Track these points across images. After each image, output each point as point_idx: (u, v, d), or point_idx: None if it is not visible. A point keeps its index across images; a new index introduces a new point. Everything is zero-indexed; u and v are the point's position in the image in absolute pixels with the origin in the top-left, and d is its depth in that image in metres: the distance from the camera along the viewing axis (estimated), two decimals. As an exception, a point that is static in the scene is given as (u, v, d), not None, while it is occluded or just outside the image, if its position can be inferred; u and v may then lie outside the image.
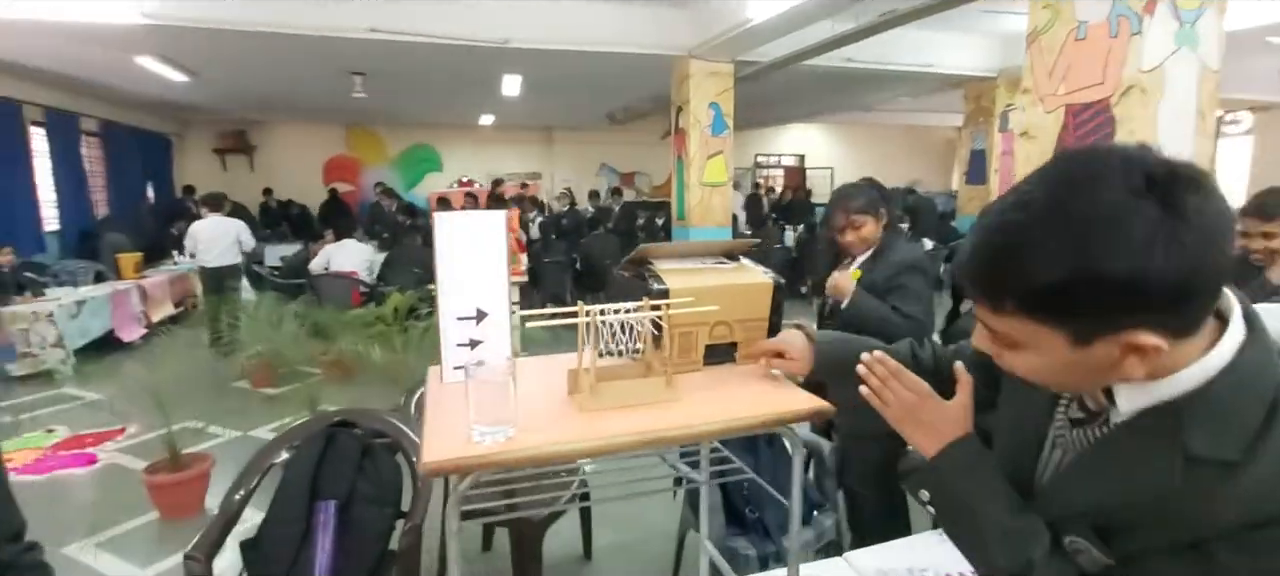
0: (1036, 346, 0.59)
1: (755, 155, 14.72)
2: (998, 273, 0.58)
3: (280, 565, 1.69)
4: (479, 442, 0.74)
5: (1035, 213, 0.55)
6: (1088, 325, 0.56)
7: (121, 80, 7.29)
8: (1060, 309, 0.56)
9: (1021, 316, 0.58)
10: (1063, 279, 0.53)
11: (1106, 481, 0.63)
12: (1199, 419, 0.57)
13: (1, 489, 0.74)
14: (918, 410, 0.78)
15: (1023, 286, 0.56)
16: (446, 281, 0.95)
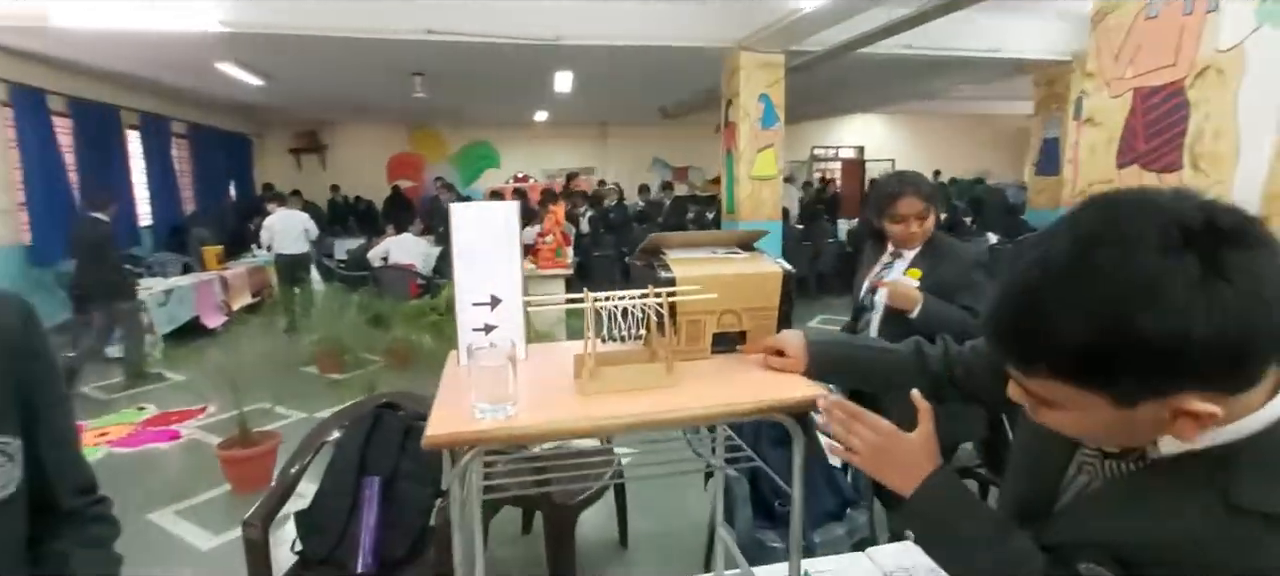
0: (1076, 407, 0.56)
1: (811, 147, 14.39)
2: (1024, 336, 0.55)
3: (330, 535, 1.80)
4: (480, 420, 0.78)
5: (1060, 272, 0.52)
6: (1129, 390, 0.52)
7: (205, 85, 7.84)
8: (1096, 375, 0.52)
9: (1054, 380, 0.55)
10: (1094, 344, 0.50)
11: (1136, 517, 0.60)
12: (1248, 469, 0.54)
13: (70, 444, 0.80)
14: (886, 451, 0.77)
15: (1052, 352, 0.53)
16: (462, 268, 1.00)
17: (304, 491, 1.95)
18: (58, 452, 0.75)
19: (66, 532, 0.77)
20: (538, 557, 2.27)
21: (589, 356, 0.90)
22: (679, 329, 1.01)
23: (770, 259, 1.09)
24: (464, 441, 0.75)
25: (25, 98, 6.06)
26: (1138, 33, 2.55)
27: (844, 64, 6.60)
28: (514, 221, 1.02)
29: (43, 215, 6.21)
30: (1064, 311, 0.51)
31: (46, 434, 0.73)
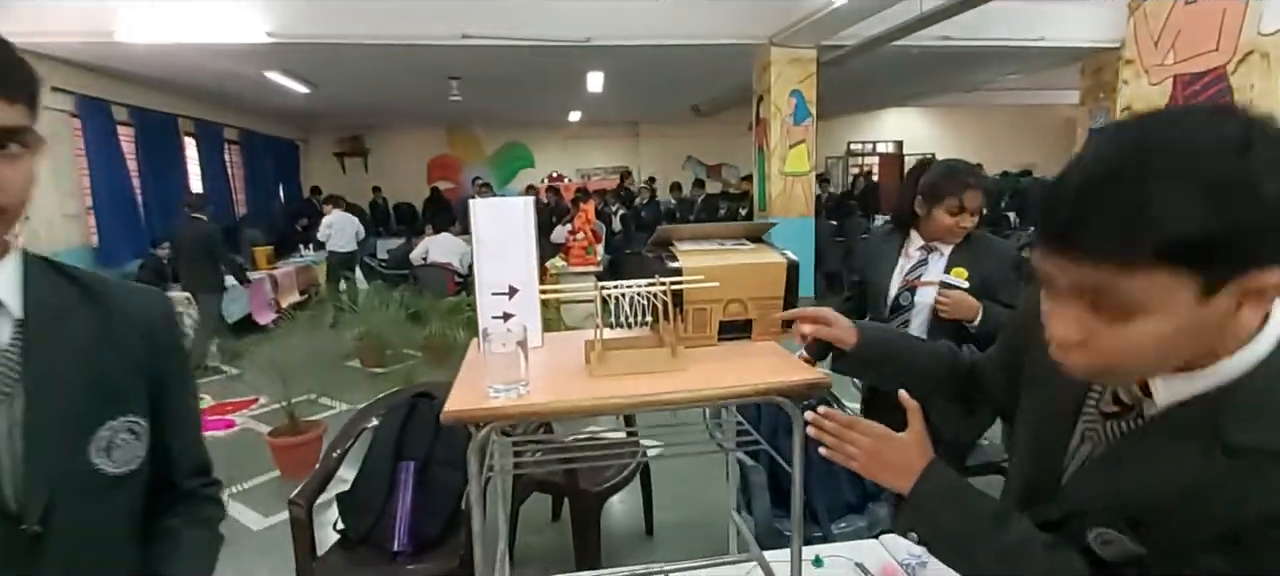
0: (1159, 308, 0.52)
1: (847, 143, 14.16)
2: (1129, 217, 0.50)
3: (369, 515, 1.91)
4: (494, 399, 0.85)
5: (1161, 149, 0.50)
6: (1226, 268, 0.50)
7: (255, 93, 8.21)
8: (1206, 251, 0.49)
9: (1157, 270, 0.50)
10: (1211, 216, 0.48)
11: (1139, 474, 0.61)
12: (1239, 409, 0.56)
13: (192, 429, 0.86)
14: (881, 454, 0.78)
15: (1160, 228, 0.49)
16: (482, 260, 1.07)
17: (345, 476, 2.07)
18: (180, 436, 0.82)
19: (180, 510, 0.83)
20: (566, 544, 2.35)
21: (598, 341, 0.96)
22: (686, 316, 1.06)
23: (776, 250, 1.13)
24: (478, 417, 0.82)
25: (92, 108, 6.47)
26: (1177, 18, 2.48)
27: (879, 58, 6.51)
28: (531, 216, 1.09)
29: (109, 219, 6.62)
30: (1176, 185, 0.48)
31: (171, 418, 0.79)
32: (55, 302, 0.70)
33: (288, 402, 3.26)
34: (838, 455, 0.81)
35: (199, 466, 0.86)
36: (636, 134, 13.47)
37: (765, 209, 6.76)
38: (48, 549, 0.66)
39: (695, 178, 10.73)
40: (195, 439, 0.86)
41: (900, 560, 1.31)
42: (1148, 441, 0.62)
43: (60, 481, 0.67)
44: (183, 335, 0.84)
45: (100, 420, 0.70)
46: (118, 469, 0.72)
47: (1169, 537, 0.59)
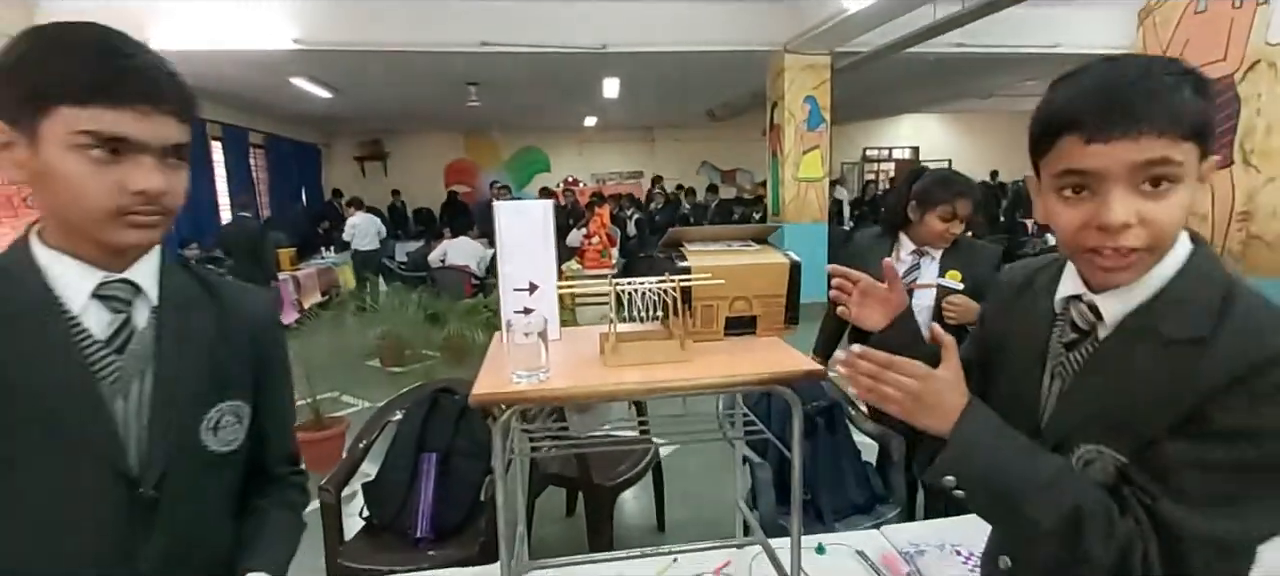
0: (1187, 177, 0.65)
1: (863, 148, 14.15)
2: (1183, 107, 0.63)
3: (392, 504, 2.00)
4: (517, 384, 0.93)
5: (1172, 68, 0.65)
6: (1208, 143, 0.66)
7: (280, 98, 8.43)
8: (1206, 131, 0.65)
9: (1189, 141, 0.64)
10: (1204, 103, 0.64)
11: (1104, 385, 0.71)
12: (1169, 310, 0.68)
13: (285, 421, 0.94)
14: (923, 395, 0.75)
15: (1195, 114, 0.64)
16: (505, 259, 1.16)
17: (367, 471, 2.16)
18: (275, 425, 0.89)
19: (270, 493, 0.90)
20: (580, 536, 2.42)
21: (611, 334, 1.03)
22: (694, 312, 1.13)
23: (779, 251, 1.20)
24: (502, 399, 0.90)
25: (126, 114, 6.68)
26: (1186, 26, 2.51)
27: (894, 64, 6.54)
28: (550, 218, 1.17)
29: (140, 220, 6.83)
30: (1189, 86, 0.64)
31: (269, 408, 0.87)
32: (183, 295, 0.78)
33: (312, 399, 3.38)
34: (874, 396, 0.78)
35: (289, 455, 0.94)
36: (652, 139, 13.57)
37: (779, 213, 6.81)
38: (160, 513, 0.73)
39: (708, 182, 10.79)
40: (287, 429, 0.94)
41: (900, 549, 1.37)
42: (1107, 354, 0.72)
43: (175, 453, 0.74)
44: (282, 332, 0.92)
45: (211, 402, 0.78)
46: (222, 448, 0.80)
47: (1140, 435, 0.68)
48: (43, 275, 0.70)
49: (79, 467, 0.70)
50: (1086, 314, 0.74)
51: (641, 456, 2.46)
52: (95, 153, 0.65)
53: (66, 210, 0.68)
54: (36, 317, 0.69)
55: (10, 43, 0.67)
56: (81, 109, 0.64)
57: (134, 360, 0.73)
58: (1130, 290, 0.70)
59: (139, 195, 0.67)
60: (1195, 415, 0.64)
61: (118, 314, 0.73)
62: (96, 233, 0.68)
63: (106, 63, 0.65)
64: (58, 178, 0.65)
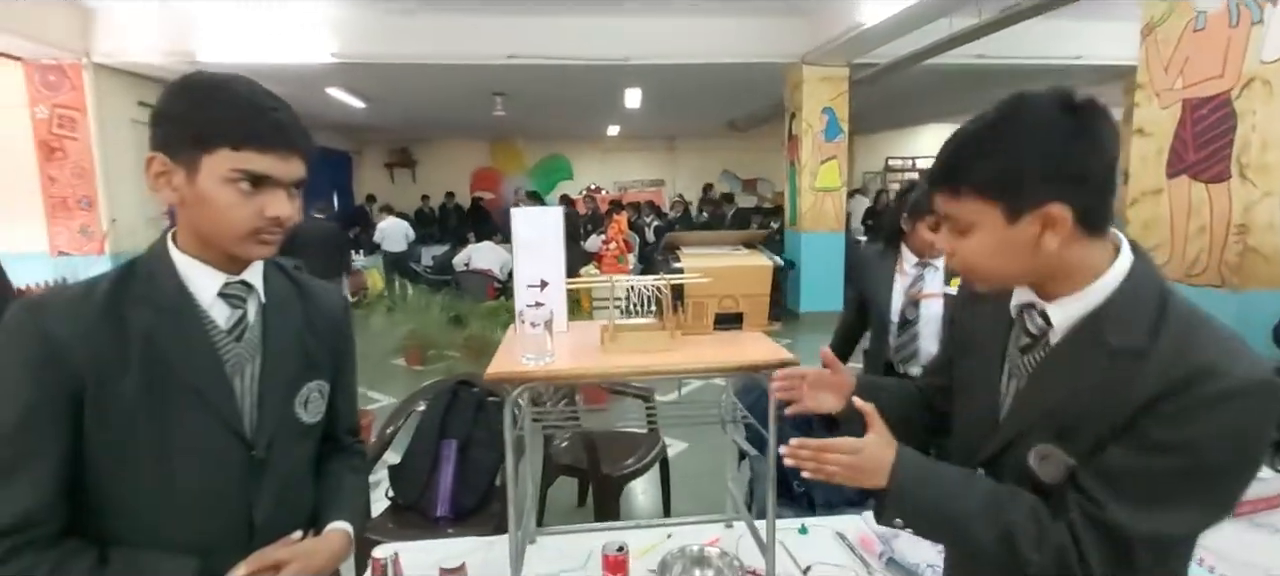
0: (981, 226, 0.74)
1: (886, 158, 14.12)
2: (957, 164, 0.74)
3: (415, 487, 2.16)
4: (526, 365, 1.08)
5: (991, 123, 0.73)
6: (1016, 200, 0.71)
7: (316, 108, 8.78)
8: (997, 188, 0.72)
9: (973, 198, 0.73)
10: (1000, 166, 0.71)
11: (1055, 387, 0.77)
12: (1113, 320, 0.73)
13: (353, 397, 1.11)
14: (856, 464, 0.84)
15: (973, 172, 0.73)
16: (520, 258, 1.31)
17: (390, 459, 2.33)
18: (344, 401, 1.05)
19: (339, 458, 1.05)
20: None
21: (611, 325, 1.18)
22: (686, 308, 1.27)
23: (766, 255, 1.34)
24: (513, 378, 1.05)
25: (173, 122, 7.06)
26: (1186, 45, 2.58)
27: (914, 75, 6.60)
28: (561, 223, 1.32)
29: (183, 222, 7.20)
30: (989, 145, 0.72)
31: (342, 386, 1.03)
32: (281, 293, 0.94)
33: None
34: (821, 475, 0.87)
35: (353, 426, 1.11)
36: (673, 148, 13.73)
37: (796, 223, 6.89)
38: (268, 471, 0.89)
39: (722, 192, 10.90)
40: (354, 405, 1.11)
41: (877, 532, 1.48)
42: (1058, 359, 0.78)
43: (278, 423, 0.90)
44: (352, 322, 1.08)
45: (303, 381, 0.94)
46: (310, 419, 0.95)
47: (1086, 439, 0.73)
48: (179, 276, 0.85)
49: (213, 431, 0.85)
50: (1038, 321, 0.80)
51: (649, 450, 2.58)
52: (243, 185, 0.80)
53: (213, 228, 0.82)
54: (178, 310, 0.84)
55: (174, 91, 0.81)
56: (236, 151, 0.79)
57: (248, 347, 0.88)
58: (1078, 299, 0.75)
59: (273, 220, 0.83)
60: (1133, 424, 0.69)
61: (236, 309, 0.88)
62: (234, 248, 0.83)
63: (258, 115, 0.80)
64: (211, 203, 0.80)
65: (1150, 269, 0.75)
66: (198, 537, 0.85)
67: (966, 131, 0.74)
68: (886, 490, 0.83)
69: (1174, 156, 2.61)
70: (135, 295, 0.83)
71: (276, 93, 0.84)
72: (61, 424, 0.78)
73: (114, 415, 0.79)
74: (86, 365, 0.78)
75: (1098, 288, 0.74)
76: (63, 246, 6.19)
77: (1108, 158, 0.72)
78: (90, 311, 0.80)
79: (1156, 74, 2.69)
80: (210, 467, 0.85)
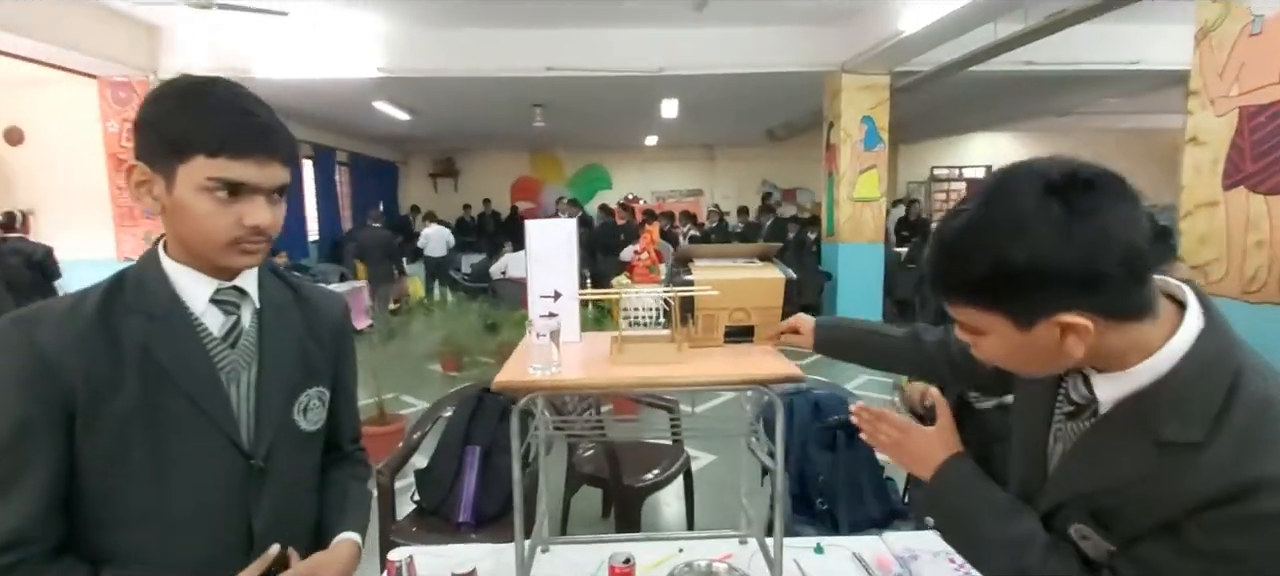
0: (992, 331, 0.67)
1: (932, 168, 13.75)
2: (944, 272, 0.67)
3: (439, 490, 2.21)
4: (533, 375, 1.09)
5: (966, 222, 0.65)
6: (1022, 310, 0.63)
7: (363, 120, 9.11)
8: (994, 297, 0.64)
9: (970, 307, 0.67)
10: (987, 274, 0.63)
11: (1094, 468, 0.69)
12: (1166, 405, 0.63)
13: (354, 403, 1.06)
14: (904, 443, 0.88)
15: (962, 281, 0.66)
16: (534, 269, 1.33)
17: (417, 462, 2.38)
18: (346, 408, 1.03)
19: (342, 466, 1.04)
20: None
21: (620, 337, 1.18)
22: (697, 321, 1.27)
23: (779, 268, 1.32)
24: (520, 387, 1.07)
25: (231, 134, 7.44)
26: (1242, 49, 2.45)
27: (959, 82, 6.42)
28: (573, 234, 1.33)
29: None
30: (969, 250, 0.64)
31: (342, 393, 1.01)
32: (278, 298, 0.92)
33: (378, 398, 3.69)
34: (873, 441, 0.93)
35: (355, 434, 1.09)
36: (712, 157, 13.70)
37: (834, 233, 6.78)
38: (268, 481, 0.87)
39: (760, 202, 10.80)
40: (355, 411, 1.10)
41: (896, 554, 1.44)
42: (1100, 436, 0.70)
43: (277, 431, 0.88)
44: (351, 327, 1.07)
45: (302, 388, 0.92)
46: (310, 427, 0.93)
47: (1123, 529, 0.67)
48: (170, 283, 0.83)
49: (209, 441, 0.83)
50: (1082, 388, 0.72)
51: (672, 462, 2.57)
52: (220, 194, 0.78)
53: (192, 237, 0.81)
54: (170, 317, 0.82)
55: (153, 97, 0.79)
56: (211, 159, 0.76)
57: (243, 354, 0.87)
58: (1126, 377, 0.66)
59: (252, 229, 0.80)
60: (1176, 526, 0.62)
61: (229, 315, 0.86)
62: (215, 257, 0.82)
63: (234, 121, 0.78)
64: (188, 212, 0.78)
65: (1221, 340, 0.64)
66: (197, 550, 0.83)
67: (947, 233, 0.66)
68: (927, 484, 0.84)
69: (1230, 166, 2.47)
70: (127, 305, 0.81)
71: (327, 106, 0.83)
72: (54, 439, 0.76)
73: (108, 427, 0.78)
74: (79, 378, 0.76)
75: (1150, 366, 0.65)
76: (129, 253, 6.57)
77: (1120, 244, 0.60)
78: (81, 324, 0.78)
79: (1211, 80, 2.55)
80: (207, 478, 0.83)
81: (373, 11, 5.57)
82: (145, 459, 0.80)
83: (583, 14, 5.66)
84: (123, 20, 5.50)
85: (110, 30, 5.46)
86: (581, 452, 2.63)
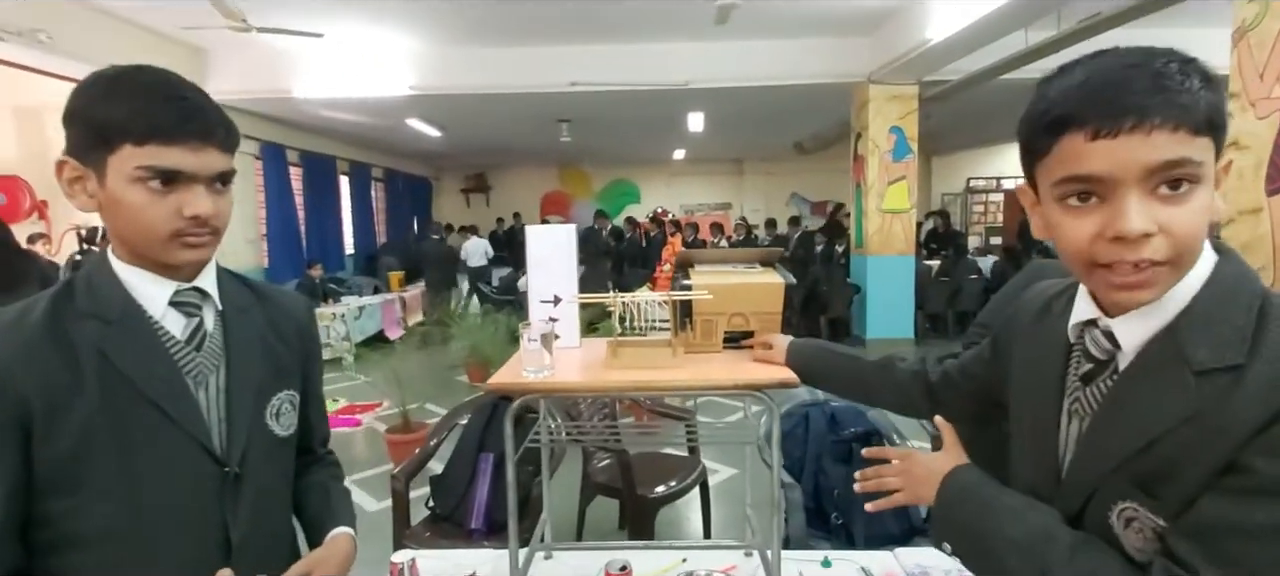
0: (1205, 176, 0.58)
1: (968, 178, 13.45)
2: (1195, 98, 0.56)
3: (453, 497, 2.23)
4: (526, 377, 1.10)
5: (1165, 56, 0.58)
6: (1219, 142, 0.59)
7: (396, 137, 9.37)
8: (1218, 123, 0.58)
9: (1203, 136, 0.57)
10: (1218, 97, 0.58)
11: (1130, 426, 0.61)
12: (1196, 333, 0.58)
13: (323, 406, 1.05)
14: (911, 471, 0.82)
15: (1207, 106, 0.57)
16: (534, 275, 1.34)
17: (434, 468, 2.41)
18: (315, 411, 1.01)
19: (319, 470, 1.02)
20: (626, 547, 2.54)
21: (616, 341, 1.18)
22: (695, 326, 1.26)
23: (779, 273, 1.30)
24: (513, 389, 1.07)
25: (272, 153, 7.73)
26: (1285, 48, 2.33)
27: (992, 91, 6.28)
28: (572, 241, 1.34)
29: (278, 244, 7.83)
30: (1196, 78, 0.57)
31: (311, 396, 0.99)
32: (239, 300, 0.89)
33: (403, 408, 3.76)
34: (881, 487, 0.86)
35: (325, 437, 1.07)
36: (740, 171, 13.66)
37: (863, 245, 6.67)
38: (243, 487, 0.83)
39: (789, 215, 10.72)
40: (324, 414, 1.09)
41: (906, 570, 1.39)
42: (1128, 389, 0.63)
43: (249, 436, 0.84)
44: (317, 328, 1.05)
45: (273, 391, 0.89)
46: (283, 432, 0.90)
47: (1174, 490, 0.58)
48: (123, 286, 0.78)
49: (181, 450, 0.79)
50: (1102, 342, 0.66)
51: (688, 473, 2.55)
52: (153, 184, 0.73)
53: (132, 233, 0.76)
54: (127, 321, 0.77)
55: (78, 89, 0.74)
56: (139, 147, 0.72)
57: (209, 356, 0.83)
58: (1150, 312, 0.61)
59: (192, 220, 0.76)
60: (1234, 464, 0.54)
61: (191, 317, 0.82)
62: (158, 253, 0.77)
63: (161, 105, 0.73)
64: (123, 206, 0.74)
65: (1239, 266, 0.61)
66: (170, 565, 0.79)
67: (1188, 62, 0.57)
68: (935, 504, 0.77)
69: (1274, 170, 2.36)
70: (78, 311, 0.76)
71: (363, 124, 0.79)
72: (8, 456, 0.71)
73: (69, 438, 0.73)
74: (33, 390, 0.72)
75: (1176, 294, 0.60)
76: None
77: None
78: (30, 333, 0.73)
79: (1250, 81, 2.44)
80: (180, 488, 0.79)
81: (404, 32, 5.75)
82: (111, 471, 0.75)
83: (605, 29, 5.74)
84: (173, 44, 5.78)
85: (163, 56, 5.75)
86: (596, 463, 2.62)
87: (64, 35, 4.60)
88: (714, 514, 2.75)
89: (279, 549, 0.93)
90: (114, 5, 4.98)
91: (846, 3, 5.29)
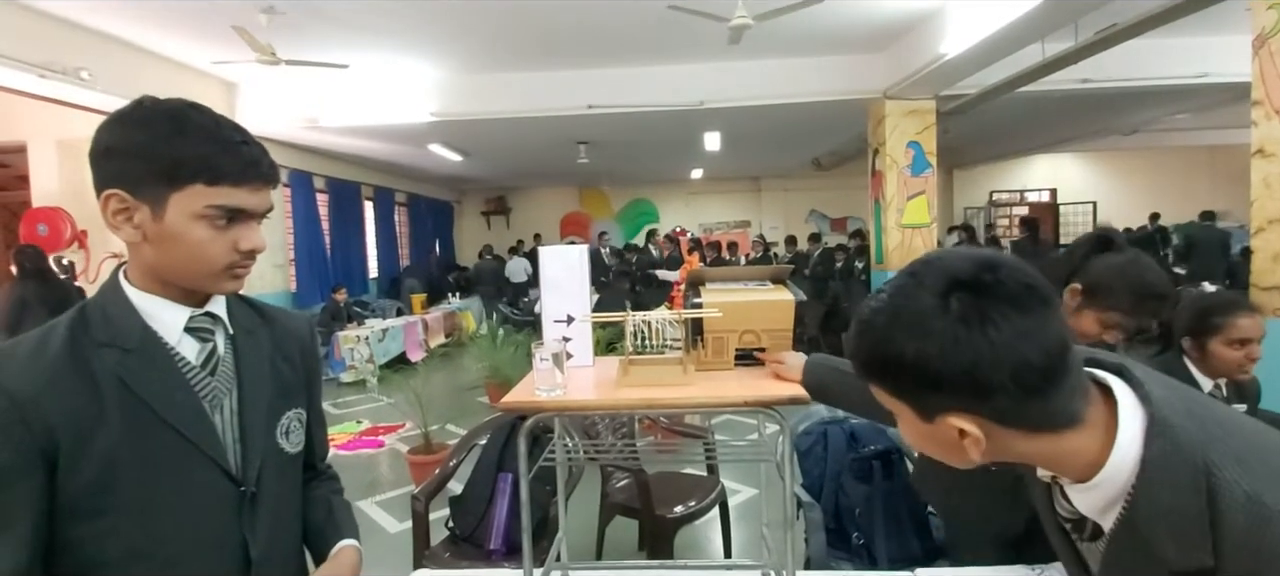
0: (901, 416, 0.65)
1: (990, 192, 13.29)
2: (856, 350, 0.65)
3: (472, 517, 2.25)
4: (539, 396, 1.12)
5: (877, 306, 0.63)
6: (918, 402, 0.62)
7: (419, 162, 9.57)
8: (896, 385, 0.63)
9: (879, 388, 0.65)
10: (885, 362, 0.62)
11: None
12: (1158, 531, 0.58)
13: (323, 426, 1.07)
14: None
15: (868, 363, 0.64)
16: (548, 295, 1.36)
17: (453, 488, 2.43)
18: (317, 429, 1.03)
19: (323, 485, 1.05)
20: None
21: (627, 360, 1.20)
22: (706, 344, 1.27)
23: (790, 290, 1.31)
24: (526, 408, 1.09)
25: (300, 180, 7.95)
26: (1309, 54, 2.29)
27: (1012, 104, 6.24)
28: (585, 261, 1.37)
29: (305, 268, 8.00)
30: (876, 335, 0.62)
31: (314, 413, 1.01)
32: (247, 322, 0.92)
33: (425, 429, 3.80)
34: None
35: (325, 453, 1.09)
36: (758, 189, 13.66)
37: (883, 261, 6.61)
38: (259, 506, 0.86)
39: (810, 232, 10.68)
40: (325, 432, 1.09)
41: (926, 590, 1.37)
42: (1120, 562, 0.64)
43: (263, 456, 0.87)
44: (319, 347, 1.11)
45: (282, 410, 0.91)
46: (292, 449, 0.93)
47: None
48: (139, 313, 0.81)
49: (200, 472, 0.81)
50: (1065, 504, 0.68)
51: (707, 493, 2.54)
52: (219, 221, 0.78)
53: (183, 265, 0.79)
54: (145, 349, 0.79)
55: (126, 122, 0.77)
56: (211, 187, 0.77)
57: (223, 380, 0.85)
58: (1093, 486, 0.62)
59: (247, 254, 0.82)
60: None
61: (205, 343, 0.85)
62: (208, 284, 0.82)
63: (230, 151, 0.78)
64: (182, 240, 0.77)
65: (1172, 436, 0.58)
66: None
67: (863, 313, 0.64)
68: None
69: (1304, 178, 2.30)
70: (95, 339, 0.78)
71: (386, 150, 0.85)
72: (34, 485, 0.73)
73: (94, 465, 0.74)
74: (59, 420, 0.73)
75: (1109, 477, 0.60)
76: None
77: (1009, 356, 0.56)
78: (51, 363, 0.75)
79: (1273, 88, 2.39)
80: (200, 510, 0.81)
81: (426, 60, 5.90)
82: (134, 496, 0.77)
83: (621, 52, 5.83)
84: (207, 79, 6.01)
85: (198, 90, 5.97)
86: (615, 482, 2.62)
87: (103, 72, 4.81)
88: (734, 534, 2.73)
89: (293, 564, 0.96)
90: (151, 43, 5.20)
91: (860, 19, 5.30)
